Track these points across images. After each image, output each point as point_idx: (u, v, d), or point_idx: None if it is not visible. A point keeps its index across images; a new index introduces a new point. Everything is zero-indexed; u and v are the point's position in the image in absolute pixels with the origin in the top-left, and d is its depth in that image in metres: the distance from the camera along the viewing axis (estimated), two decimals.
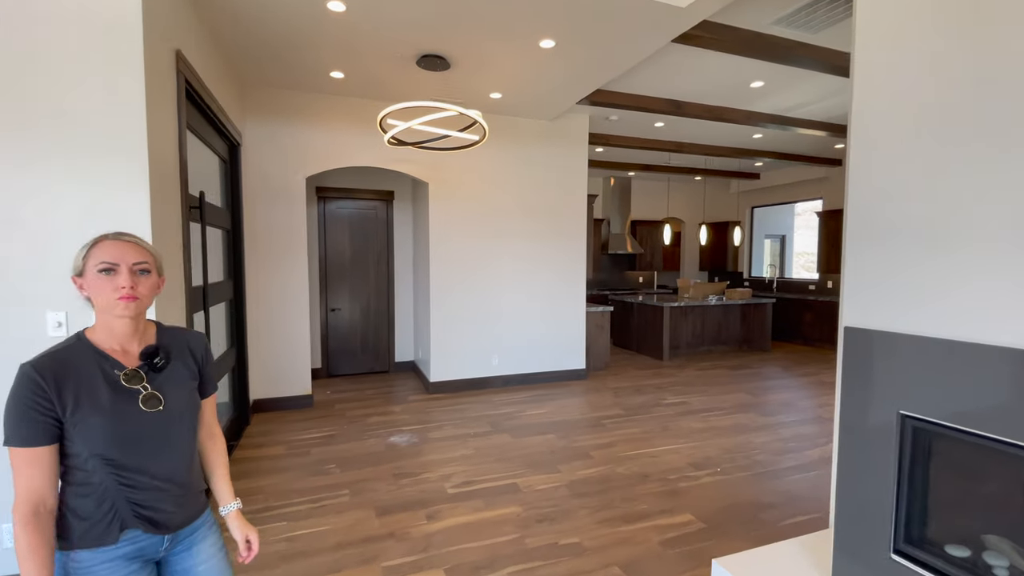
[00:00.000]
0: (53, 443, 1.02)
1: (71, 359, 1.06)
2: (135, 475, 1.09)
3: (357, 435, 3.84)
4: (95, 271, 1.05)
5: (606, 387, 5.28)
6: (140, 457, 1.09)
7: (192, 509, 1.21)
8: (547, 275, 5.30)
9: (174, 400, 1.15)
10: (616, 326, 7.77)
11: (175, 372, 1.19)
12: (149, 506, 1.11)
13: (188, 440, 1.19)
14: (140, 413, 1.09)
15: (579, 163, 5.37)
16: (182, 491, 1.17)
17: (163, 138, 2.22)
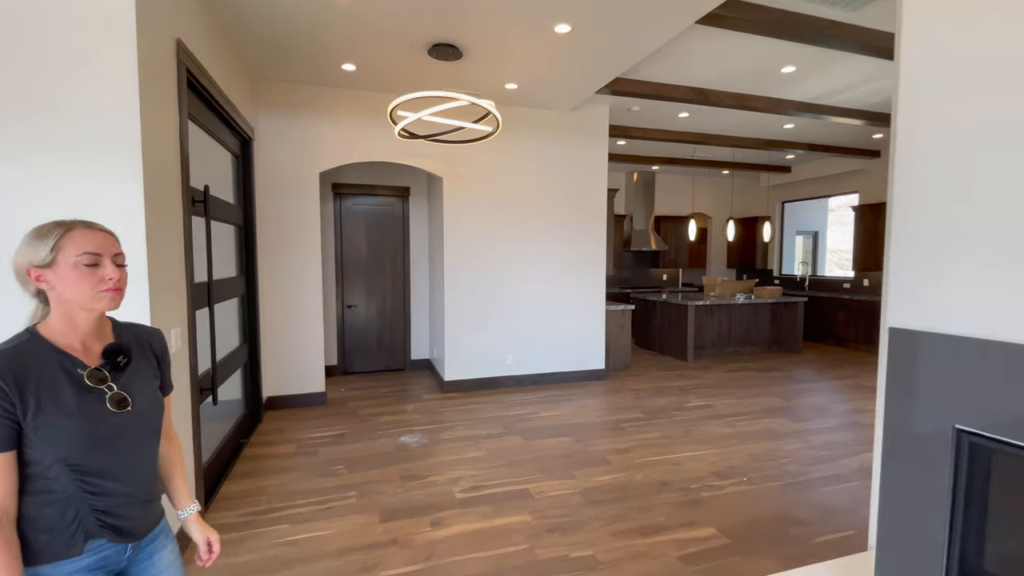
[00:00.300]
0: (13, 449, 0.94)
1: (30, 358, 0.98)
2: (101, 481, 1.02)
3: (368, 434, 3.76)
4: (75, 263, 0.98)
5: (626, 388, 5.09)
6: (107, 461, 1.02)
7: (155, 515, 1.15)
8: (565, 272, 5.14)
9: (142, 400, 1.09)
10: (638, 325, 7.54)
11: (138, 371, 1.12)
12: (115, 513, 1.05)
13: (154, 442, 1.14)
14: (108, 414, 1.02)
15: (599, 156, 5.18)
16: (147, 496, 1.12)
17: (161, 129, 2.16)
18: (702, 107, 5.25)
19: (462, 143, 3.79)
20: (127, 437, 1.05)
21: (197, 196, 2.72)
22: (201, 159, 2.99)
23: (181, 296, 2.38)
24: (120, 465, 1.04)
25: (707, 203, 9.60)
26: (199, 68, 2.62)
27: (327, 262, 5.47)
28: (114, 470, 1.03)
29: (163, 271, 2.15)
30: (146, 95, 2.01)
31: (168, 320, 2.20)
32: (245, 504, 2.75)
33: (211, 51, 2.94)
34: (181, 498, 1.24)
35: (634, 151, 7.32)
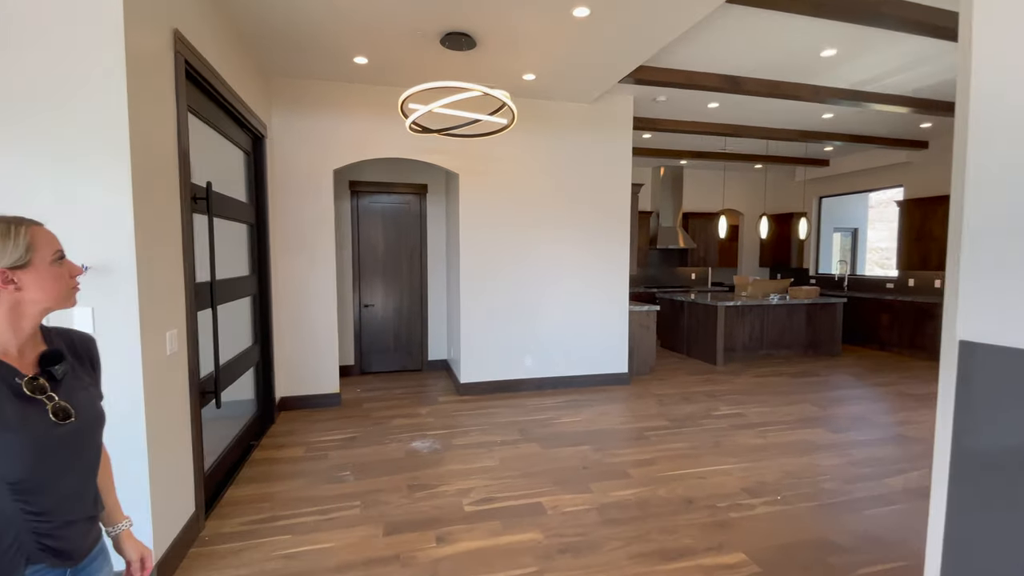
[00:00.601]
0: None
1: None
2: (43, 498, 0.93)
3: (379, 438, 3.65)
4: (52, 261, 0.95)
5: (650, 394, 4.85)
6: (50, 478, 0.93)
7: (95, 535, 1.06)
8: (586, 270, 4.93)
9: (85, 411, 0.99)
10: (664, 326, 7.26)
11: (77, 379, 1.02)
12: (56, 535, 0.95)
13: (97, 456, 1.05)
14: (52, 427, 0.93)
15: (623, 149, 4.94)
16: (90, 515, 1.03)
17: (154, 123, 2.06)
18: (734, 96, 4.95)
19: (477, 137, 3.64)
20: (71, 451, 0.96)
21: (199, 193, 2.64)
22: (208, 156, 2.92)
23: (178, 297, 2.29)
24: (64, 482, 0.95)
25: (738, 199, 9.20)
26: (201, 61, 2.53)
27: (344, 261, 5.41)
28: (58, 487, 0.94)
29: (155, 270, 2.06)
30: (136, 87, 1.92)
31: (162, 322, 2.11)
32: (249, 511, 2.66)
33: (217, 44, 2.85)
34: (114, 514, 1.15)
35: (661, 144, 7.03)
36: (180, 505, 2.28)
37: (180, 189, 2.32)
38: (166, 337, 2.15)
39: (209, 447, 2.87)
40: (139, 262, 1.92)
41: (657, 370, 5.84)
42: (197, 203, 2.62)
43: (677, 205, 8.48)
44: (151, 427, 1.99)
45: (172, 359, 2.21)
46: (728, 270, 9.58)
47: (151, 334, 2.01)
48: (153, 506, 2.00)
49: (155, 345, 2.05)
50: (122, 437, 1.92)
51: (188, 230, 2.38)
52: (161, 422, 2.09)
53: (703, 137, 6.58)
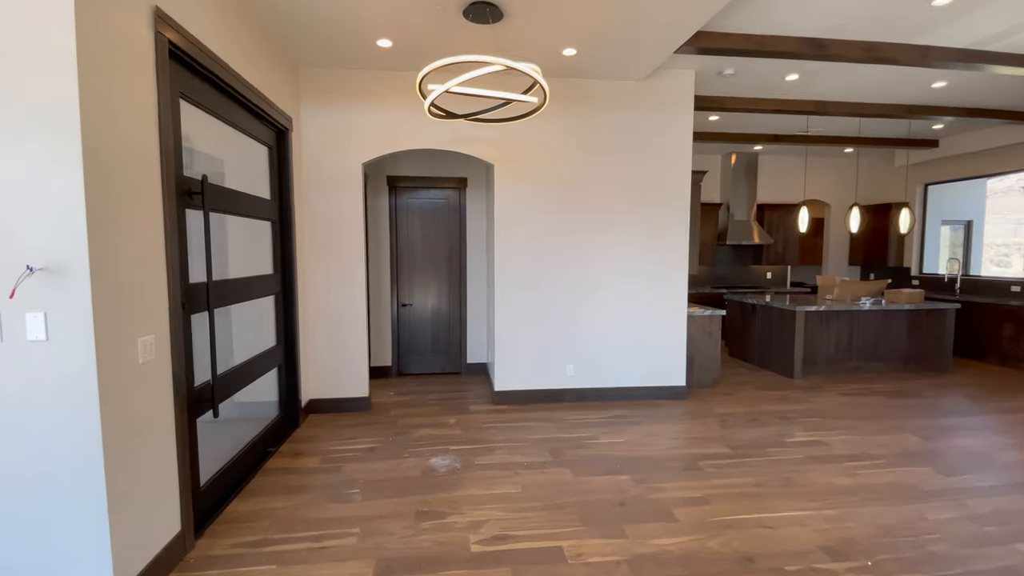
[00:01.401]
0: None
1: None
2: None
3: (399, 451, 3.38)
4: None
5: (711, 412, 4.23)
6: None
7: None
8: (638, 269, 4.40)
9: None
10: (733, 332, 6.50)
11: None
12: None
13: None
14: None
15: (681, 134, 4.35)
16: None
17: (121, 107, 1.86)
18: (818, 64, 4.20)
19: (506, 121, 3.25)
20: None
21: (195, 187, 2.45)
22: (217, 149, 2.76)
23: (158, 299, 2.09)
24: None
25: (824, 188, 8.13)
26: (196, 45, 2.34)
27: (382, 259, 5.22)
28: None
29: (123, 271, 1.86)
30: (93, 66, 1.71)
31: (132, 327, 1.91)
32: (244, 530, 2.45)
33: (223, 29, 2.66)
34: None
35: (731, 127, 6.27)
36: (160, 524, 2.10)
37: (163, 181, 2.12)
38: (138, 344, 1.96)
39: (216, 455, 2.72)
40: (95, 261, 1.72)
41: (721, 383, 5.17)
42: (192, 198, 2.44)
43: (751, 196, 7.62)
44: (110, 442, 1.79)
45: (147, 368, 2.01)
46: (810, 269, 8.53)
47: (114, 341, 1.81)
48: (113, 528, 1.80)
49: (120, 353, 1.85)
50: (70, 452, 1.73)
51: (173, 226, 2.18)
52: (127, 437, 1.89)
53: (781, 117, 5.77)
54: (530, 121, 4.15)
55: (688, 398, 4.58)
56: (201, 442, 2.52)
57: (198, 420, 2.47)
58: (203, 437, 2.54)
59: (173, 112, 2.25)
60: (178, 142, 2.31)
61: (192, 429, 2.40)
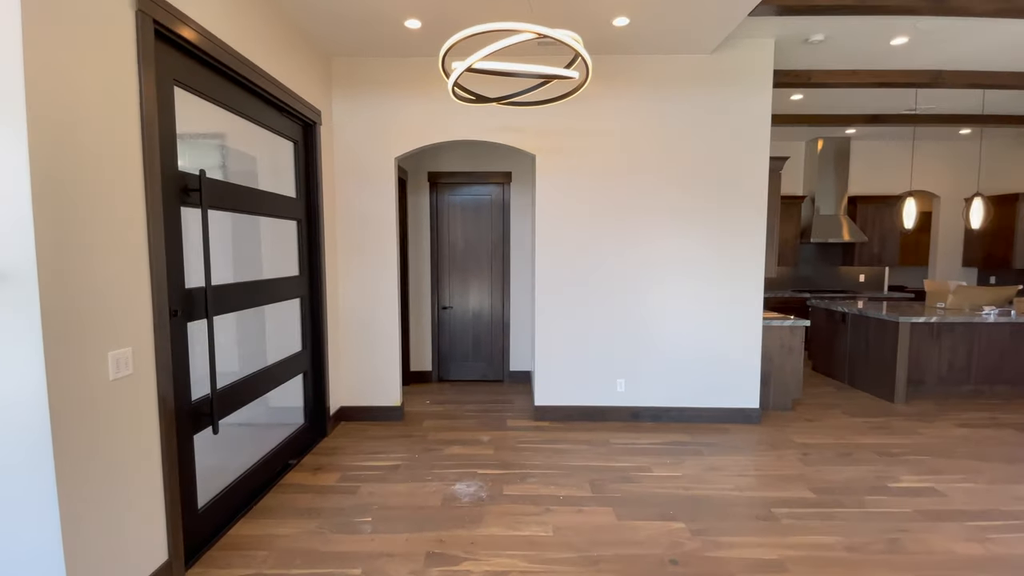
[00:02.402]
0: None
1: None
2: None
3: (423, 471, 3.07)
4: None
5: (790, 442, 3.58)
6: None
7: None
8: (703, 272, 3.82)
9: None
10: (819, 344, 5.66)
11: None
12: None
13: None
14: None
15: (757, 113, 3.72)
16: None
17: (85, 92, 1.65)
18: (934, 22, 3.41)
19: (542, 104, 2.83)
20: None
21: (192, 184, 2.25)
22: (244, 146, 2.57)
23: (138, 308, 1.89)
24: None
25: (933, 176, 6.97)
26: (191, 26, 2.12)
27: (422, 259, 4.97)
28: None
29: (86, 276, 1.65)
30: (48, 46, 1.50)
31: (100, 339, 1.70)
32: (239, 560, 2.23)
33: (230, 12, 2.46)
34: None
35: (817, 107, 5.43)
36: (140, 554, 1.90)
37: (146, 176, 1.91)
38: (109, 359, 1.75)
39: (228, 467, 2.53)
40: (44, 265, 1.51)
41: (804, 406, 4.44)
42: (189, 195, 2.24)
43: (841, 187, 6.66)
44: (64, 465, 1.58)
45: (120, 385, 1.81)
46: (912, 271, 7.38)
47: (73, 356, 1.61)
48: (68, 560, 1.59)
49: (81, 369, 1.64)
50: (17, 480, 1.53)
51: (158, 226, 1.97)
52: (92, 462, 1.69)
53: (880, 92, 4.90)
54: (576, 106, 3.70)
55: (762, 423, 3.93)
56: (210, 456, 2.34)
57: (201, 435, 2.27)
58: (214, 450, 2.36)
59: (161, 100, 2.04)
60: (170, 133, 2.10)
61: (186, 448, 2.21)
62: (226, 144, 2.89)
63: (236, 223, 2.73)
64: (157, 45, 2.00)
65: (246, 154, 3.04)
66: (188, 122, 2.38)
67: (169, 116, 2.10)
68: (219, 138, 2.90)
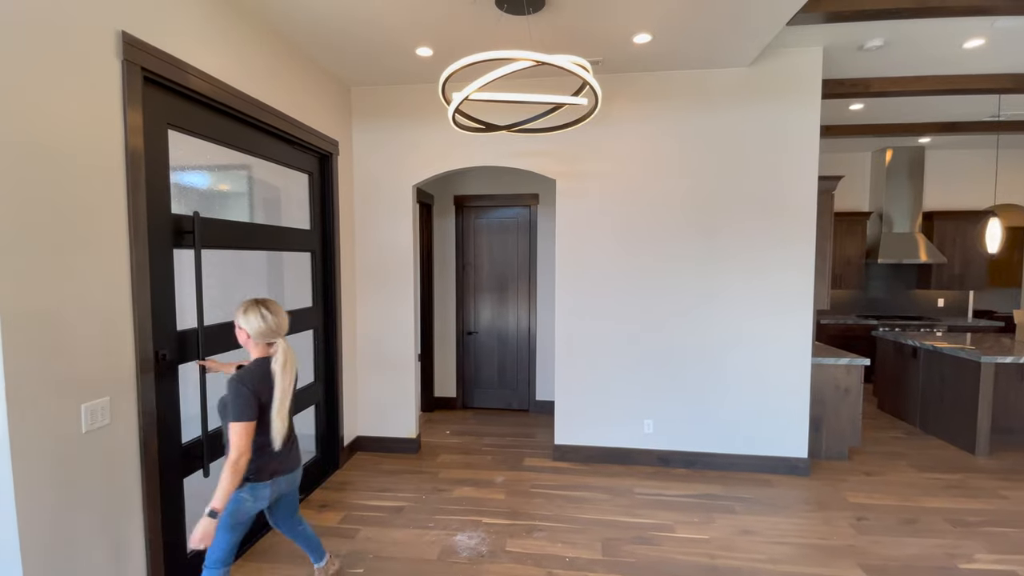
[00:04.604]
0: None
1: None
2: None
3: (427, 515, 2.93)
4: None
5: (842, 502, 3.14)
6: None
7: None
8: (741, 304, 3.47)
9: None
10: (884, 380, 5.05)
11: None
12: None
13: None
14: None
15: (803, 129, 3.35)
16: None
17: (65, 143, 1.65)
18: (1013, 21, 2.94)
19: (550, 132, 2.65)
20: None
21: (186, 226, 2.24)
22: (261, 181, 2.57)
23: (119, 356, 1.87)
24: None
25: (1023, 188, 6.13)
26: (186, 70, 2.12)
27: (447, 283, 4.89)
28: None
29: (53, 328, 1.64)
30: (19, 88, 1.50)
31: (71, 393, 1.69)
32: None
33: (230, 51, 2.46)
34: None
35: (881, 117, 4.90)
36: None
37: (131, 220, 1.90)
38: (82, 411, 1.73)
39: None
40: (6, 325, 1.49)
41: (863, 455, 3.93)
42: (184, 237, 2.23)
43: (915, 202, 5.99)
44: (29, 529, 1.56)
45: (95, 436, 1.79)
46: (1005, 293, 6.51)
47: (40, 412, 1.59)
48: None
49: (49, 425, 1.62)
50: None
51: (144, 272, 1.96)
52: (60, 520, 1.66)
53: (956, 100, 4.34)
54: (598, 128, 3.49)
55: (811, 474, 3.50)
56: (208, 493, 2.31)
57: None
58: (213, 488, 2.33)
59: (153, 144, 2.04)
60: (162, 176, 2.10)
61: (174, 492, 2.18)
62: (252, 175, 2.93)
63: (244, 257, 2.73)
64: (148, 90, 2.01)
65: (271, 184, 3.07)
66: (203, 155, 2.42)
67: (162, 159, 2.10)
68: (246, 168, 2.95)
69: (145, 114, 2.00)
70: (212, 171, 2.56)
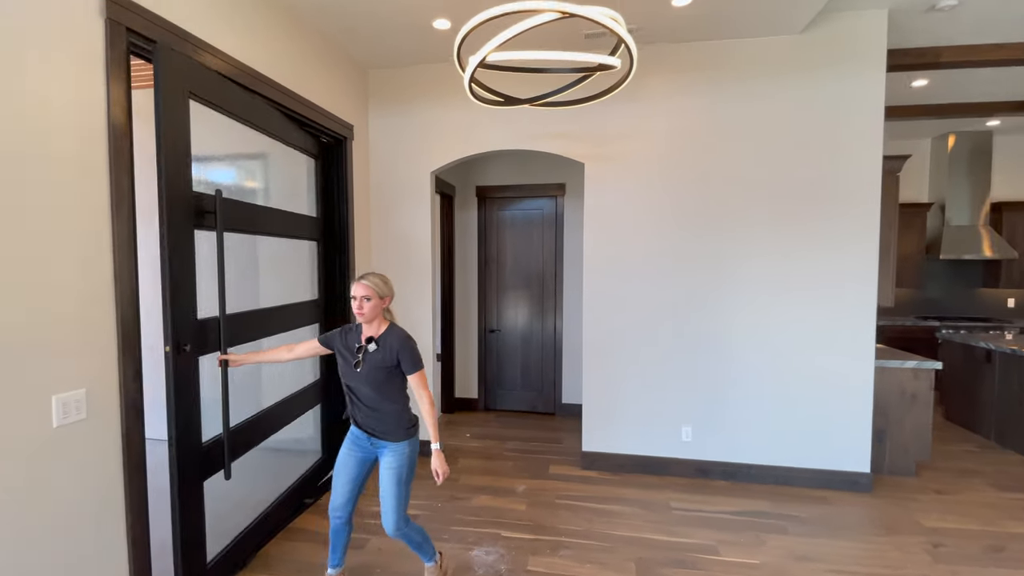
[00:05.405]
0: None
1: None
2: (350, 392, 2.06)
3: (441, 526, 2.68)
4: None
5: (913, 524, 2.75)
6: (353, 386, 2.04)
7: (381, 427, 2.09)
8: (792, 297, 3.11)
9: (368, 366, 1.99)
10: (952, 387, 4.56)
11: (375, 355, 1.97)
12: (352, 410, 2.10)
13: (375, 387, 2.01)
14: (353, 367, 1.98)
15: (864, 101, 2.98)
16: (373, 409, 2.05)
17: (35, 99, 1.48)
18: None
19: (579, 104, 2.37)
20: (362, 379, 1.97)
21: (207, 205, 2.07)
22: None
23: (98, 341, 1.69)
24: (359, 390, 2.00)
25: None
26: (183, 38, 1.95)
27: (469, 279, 4.66)
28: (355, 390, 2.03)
29: (11, 309, 1.47)
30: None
31: (36, 382, 1.51)
32: None
33: (237, 25, 2.29)
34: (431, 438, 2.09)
35: (945, 95, 4.42)
36: None
37: (112, 193, 1.73)
38: (52, 403, 1.56)
39: (229, 518, 2.32)
40: None
41: (933, 471, 3.49)
42: (205, 217, 2.06)
43: (981, 192, 5.45)
44: None
45: (71, 431, 1.61)
46: None
47: (3, 403, 1.42)
48: None
49: (14, 415, 1.45)
50: None
51: (127, 249, 1.78)
52: (17, 519, 1.48)
53: None
54: (631, 105, 3.19)
55: (874, 492, 3.10)
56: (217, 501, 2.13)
57: None
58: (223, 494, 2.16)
59: (173, 114, 1.88)
60: (182, 149, 1.93)
61: (194, 496, 2.00)
62: (266, 157, 2.77)
63: (242, 246, 2.56)
64: (168, 56, 1.85)
65: (282, 169, 2.90)
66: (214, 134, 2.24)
67: (183, 132, 1.93)
68: (260, 157, 2.78)
69: (165, 81, 1.83)
70: (223, 157, 2.39)
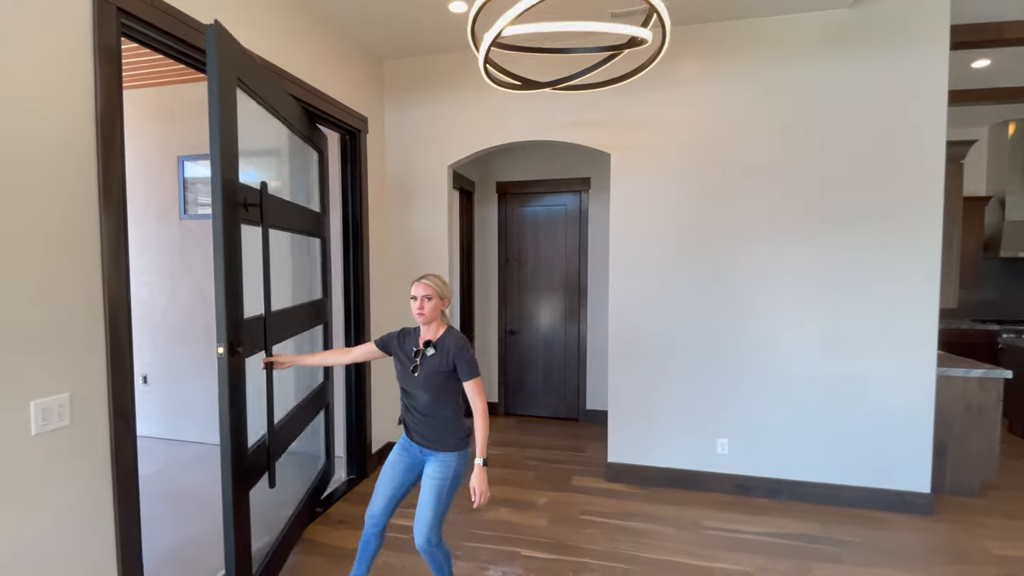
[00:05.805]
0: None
1: None
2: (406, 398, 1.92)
3: (454, 541, 2.51)
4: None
5: (982, 552, 2.43)
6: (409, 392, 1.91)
7: (430, 436, 1.89)
8: (843, 298, 2.82)
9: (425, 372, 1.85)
10: (1017, 398, 4.14)
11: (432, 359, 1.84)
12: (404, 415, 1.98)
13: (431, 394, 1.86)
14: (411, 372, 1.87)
15: (924, 80, 2.68)
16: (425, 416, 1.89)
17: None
18: None
19: (605, 86, 2.16)
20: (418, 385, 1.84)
21: (252, 198, 1.96)
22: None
23: (85, 343, 1.58)
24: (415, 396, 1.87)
25: None
26: (165, 12, 1.83)
27: (488, 278, 4.49)
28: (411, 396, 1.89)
29: None
30: None
31: (18, 384, 1.40)
32: None
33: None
34: (478, 453, 1.82)
35: (1008, 78, 4.02)
36: None
37: (100, 183, 1.61)
38: (31, 408, 1.45)
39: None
40: None
41: (1000, 491, 3.13)
42: (249, 211, 1.94)
43: None
44: None
45: (52, 438, 1.49)
46: None
47: None
48: None
49: None
50: None
51: (119, 244, 1.67)
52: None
53: None
54: (661, 91, 2.97)
55: (935, 513, 2.78)
56: None
57: None
58: None
59: (225, 99, 1.77)
60: (230, 137, 1.81)
61: (242, 510, 1.87)
62: (282, 158, 2.66)
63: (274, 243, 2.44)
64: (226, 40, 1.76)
65: (294, 162, 2.79)
66: None
67: (232, 121, 1.81)
68: (276, 152, 2.68)
69: (222, 66, 1.73)
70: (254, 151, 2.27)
